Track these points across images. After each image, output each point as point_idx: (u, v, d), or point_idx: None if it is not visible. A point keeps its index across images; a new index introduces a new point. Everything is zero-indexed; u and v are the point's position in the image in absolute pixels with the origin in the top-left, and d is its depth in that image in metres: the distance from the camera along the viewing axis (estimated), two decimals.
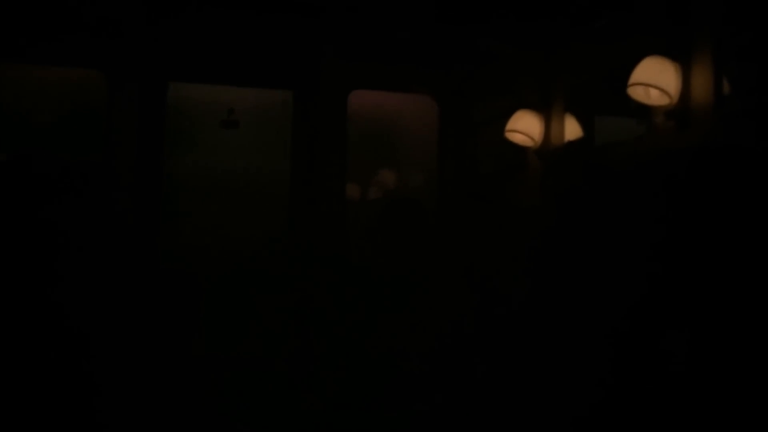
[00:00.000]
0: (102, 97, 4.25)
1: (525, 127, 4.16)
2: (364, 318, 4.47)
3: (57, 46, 4.12)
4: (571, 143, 4.00)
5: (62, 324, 3.89)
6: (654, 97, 3.23)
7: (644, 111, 3.31)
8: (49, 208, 4.06)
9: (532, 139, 4.15)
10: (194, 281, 4.31)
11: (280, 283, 4.44)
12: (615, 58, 3.62)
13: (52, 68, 4.34)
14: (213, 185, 4.70)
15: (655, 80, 3.19)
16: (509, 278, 4.22)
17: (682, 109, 3.17)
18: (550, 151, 4.10)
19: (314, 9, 4.33)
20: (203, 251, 4.42)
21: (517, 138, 4.19)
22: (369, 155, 5.15)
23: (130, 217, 4.19)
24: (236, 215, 4.66)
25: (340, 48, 4.61)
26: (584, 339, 3.52)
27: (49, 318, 3.88)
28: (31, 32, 4.06)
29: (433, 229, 4.82)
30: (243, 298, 4.37)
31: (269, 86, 4.64)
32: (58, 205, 4.09)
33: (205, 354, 4.18)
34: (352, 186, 5.07)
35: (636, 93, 3.26)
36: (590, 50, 3.85)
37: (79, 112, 4.46)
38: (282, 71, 4.59)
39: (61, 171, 4.19)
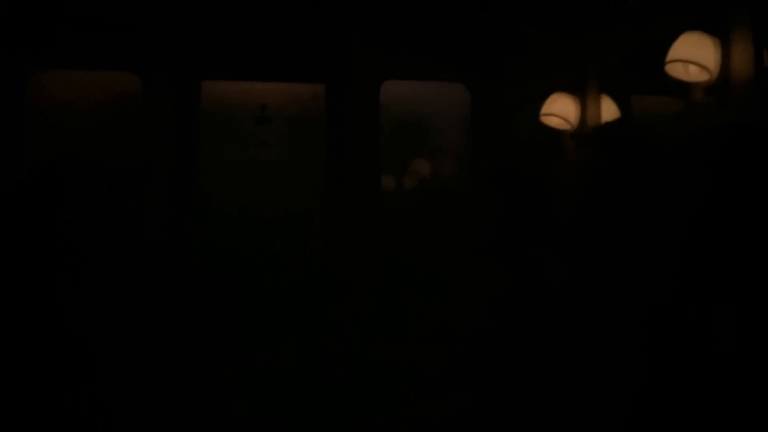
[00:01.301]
0: (137, 99, 4.29)
1: (560, 110, 4.13)
2: (403, 307, 4.47)
3: (90, 49, 4.16)
4: (608, 124, 3.97)
5: (95, 325, 3.94)
6: (693, 74, 3.19)
7: (683, 88, 3.27)
8: (85, 212, 4.12)
9: (568, 121, 4.12)
10: (231, 278, 4.34)
11: (317, 276, 4.46)
12: (651, 35, 3.57)
13: (87, 72, 4.39)
14: (248, 181, 4.73)
15: (693, 56, 3.14)
16: (548, 258, 4.19)
17: (721, 84, 3.12)
18: (586, 133, 4.06)
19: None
20: (239, 248, 4.45)
21: (552, 121, 4.16)
22: (403, 145, 5.15)
23: (166, 216, 4.23)
24: (271, 210, 4.68)
25: (370, 39, 4.61)
26: (625, 319, 3.50)
27: (83, 320, 3.94)
28: (64, 37, 4.11)
29: (466, 216, 4.81)
30: (279, 292, 4.39)
31: (301, 80, 4.65)
32: (93, 209, 4.14)
33: (241, 350, 4.21)
34: (386, 177, 5.07)
35: (674, 70, 3.22)
36: (624, 29, 3.80)
37: (115, 114, 4.51)
38: (313, 65, 4.59)
39: (98, 174, 4.24)
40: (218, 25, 4.34)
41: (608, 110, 4.01)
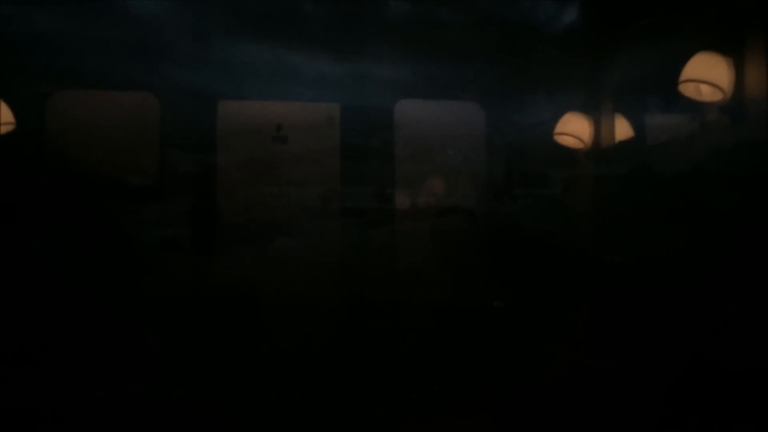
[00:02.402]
0: (155, 118, 4.33)
1: (574, 130, 4.15)
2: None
3: (111, 70, 4.21)
4: (622, 143, 3.98)
5: None
6: (706, 93, 3.21)
7: (697, 108, 3.29)
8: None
9: (581, 141, 4.14)
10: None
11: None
12: (664, 55, 3.59)
13: (107, 92, 4.44)
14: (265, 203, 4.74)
15: (706, 76, 3.17)
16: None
17: (736, 104, 3.14)
18: (600, 152, 4.08)
19: None
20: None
21: (566, 141, 4.18)
22: (417, 164, 5.16)
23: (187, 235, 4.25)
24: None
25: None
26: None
27: None
28: (88, 58, 4.16)
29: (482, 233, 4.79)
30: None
31: (315, 100, 4.68)
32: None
33: None
34: (400, 195, 5.07)
35: (688, 90, 3.24)
36: (638, 49, 3.82)
37: (132, 133, 4.55)
38: (328, 84, 4.62)
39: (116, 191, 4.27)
40: (234, 46, 4.39)
41: (622, 130, 4.03)
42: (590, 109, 4.20)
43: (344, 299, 3.94)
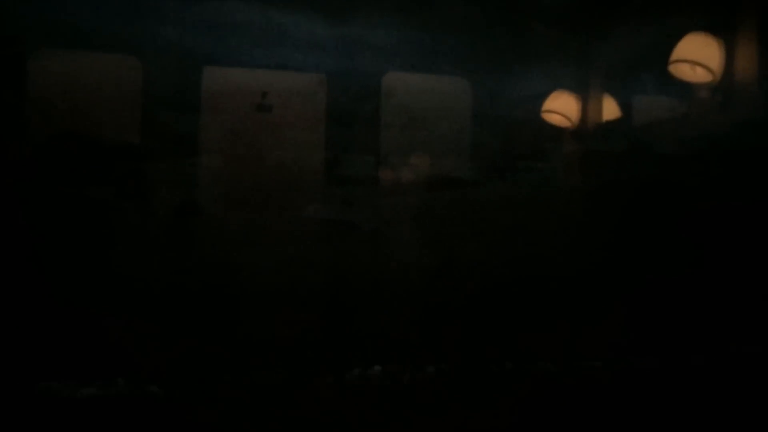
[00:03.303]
0: (138, 82, 4.27)
1: (562, 108, 4.12)
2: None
3: (95, 32, 4.14)
4: (610, 123, 3.96)
5: None
6: (697, 74, 3.19)
7: (687, 89, 3.27)
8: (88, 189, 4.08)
9: (569, 119, 4.12)
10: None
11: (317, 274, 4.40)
12: (655, 35, 3.56)
13: (89, 54, 4.36)
14: (249, 173, 4.70)
15: (697, 56, 3.15)
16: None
17: (726, 85, 3.12)
18: (588, 131, 4.06)
19: None
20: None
21: (553, 119, 4.15)
22: (403, 138, 5.13)
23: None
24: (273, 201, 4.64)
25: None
26: None
27: None
28: (69, 19, 4.08)
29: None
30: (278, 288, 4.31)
31: (302, 69, 4.62)
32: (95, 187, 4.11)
33: None
34: (385, 170, 5.04)
35: (678, 70, 3.22)
36: (629, 29, 3.79)
37: (114, 96, 4.48)
38: (313, 54, 4.57)
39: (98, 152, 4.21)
40: (219, 11, 4.32)
41: (610, 109, 4.01)
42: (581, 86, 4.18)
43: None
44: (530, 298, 3.33)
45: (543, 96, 4.14)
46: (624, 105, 3.96)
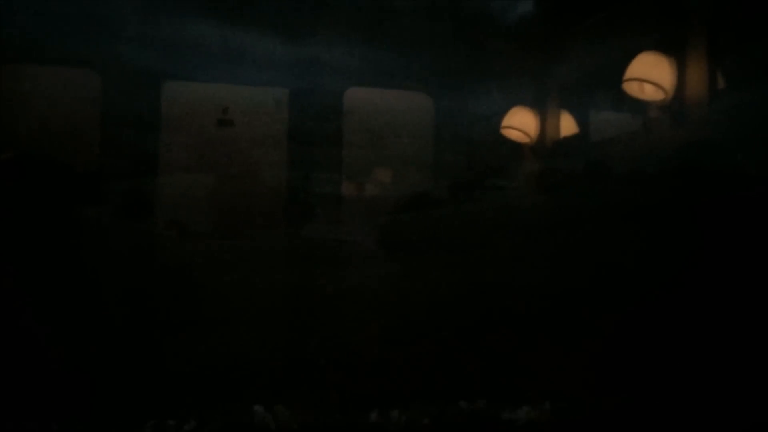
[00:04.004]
0: (97, 96, 4.24)
1: (520, 124, 4.17)
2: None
3: (55, 46, 4.11)
4: (567, 139, 4.01)
5: None
6: (649, 92, 3.24)
7: (640, 106, 3.32)
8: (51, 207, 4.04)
9: (527, 135, 4.16)
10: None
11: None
12: (609, 54, 3.62)
13: (49, 68, 4.33)
14: (210, 186, 4.67)
15: (649, 75, 3.20)
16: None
17: (677, 103, 3.17)
18: (546, 147, 4.10)
19: None
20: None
21: (512, 134, 4.19)
22: (365, 152, 5.14)
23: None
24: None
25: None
26: None
27: None
28: (31, 34, 4.05)
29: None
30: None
31: (264, 84, 4.62)
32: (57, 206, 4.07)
33: None
34: (348, 184, 5.05)
35: (631, 88, 3.27)
36: (585, 47, 3.85)
37: (74, 111, 4.45)
38: (277, 69, 4.57)
39: (60, 171, 4.17)
40: (179, 27, 4.31)
41: (567, 125, 4.06)
42: (538, 102, 4.22)
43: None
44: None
45: (501, 112, 4.18)
46: (580, 122, 4.01)
